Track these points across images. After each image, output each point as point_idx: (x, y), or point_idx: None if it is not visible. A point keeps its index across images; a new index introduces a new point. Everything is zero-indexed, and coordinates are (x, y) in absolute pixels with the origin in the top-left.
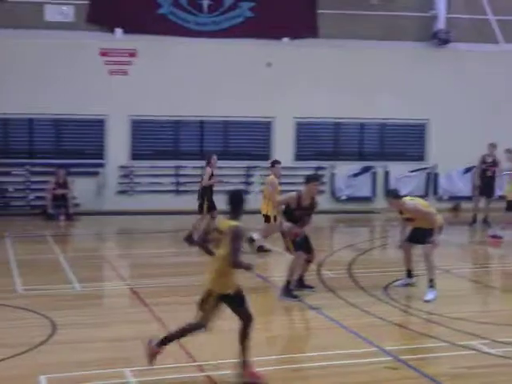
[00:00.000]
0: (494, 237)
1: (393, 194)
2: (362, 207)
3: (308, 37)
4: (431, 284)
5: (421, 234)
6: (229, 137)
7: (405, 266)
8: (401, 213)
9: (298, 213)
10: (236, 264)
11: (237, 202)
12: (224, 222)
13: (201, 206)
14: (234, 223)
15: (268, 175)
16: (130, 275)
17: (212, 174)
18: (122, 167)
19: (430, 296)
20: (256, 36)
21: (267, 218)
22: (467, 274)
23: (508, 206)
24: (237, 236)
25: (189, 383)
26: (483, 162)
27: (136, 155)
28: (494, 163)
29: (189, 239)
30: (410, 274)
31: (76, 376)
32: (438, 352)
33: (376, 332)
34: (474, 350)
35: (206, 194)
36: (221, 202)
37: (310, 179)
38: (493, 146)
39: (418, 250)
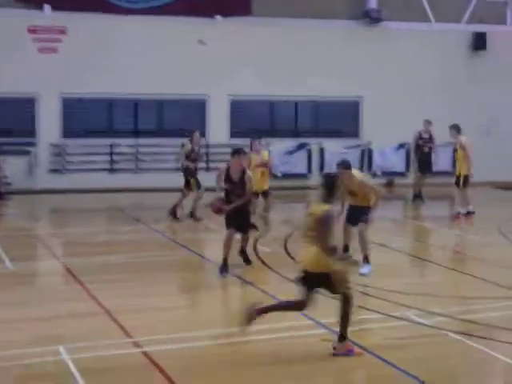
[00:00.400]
0: (467, 213)
1: (344, 165)
2: (298, 183)
3: (241, 15)
4: (366, 260)
5: (358, 213)
6: (163, 115)
7: (344, 241)
8: (346, 186)
9: (227, 186)
10: (326, 248)
11: (331, 186)
12: (316, 206)
13: (187, 183)
14: (325, 207)
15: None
16: (63, 253)
17: (193, 151)
18: (54, 145)
19: (365, 270)
20: (188, 14)
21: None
22: (402, 247)
23: (464, 182)
24: (327, 220)
25: (124, 359)
26: (420, 137)
27: (68, 133)
28: (431, 139)
29: (172, 213)
30: (347, 248)
31: (7, 355)
32: (372, 324)
33: (313, 305)
34: (407, 320)
35: (189, 171)
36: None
37: (233, 153)
38: (428, 122)
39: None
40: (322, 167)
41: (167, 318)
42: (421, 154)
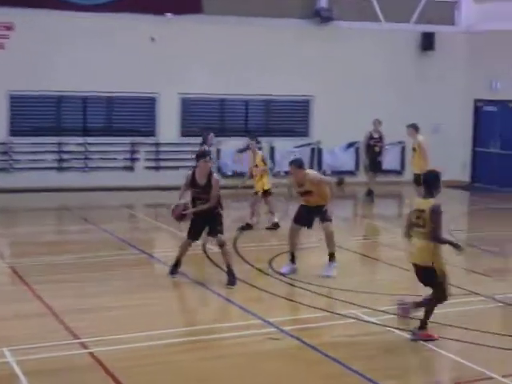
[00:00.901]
0: None
1: (297, 164)
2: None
3: (192, 13)
4: (333, 258)
5: (316, 213)
6: (112, 113)
7: (290, 248)
8: (299, 185)
9: (192, 191)
10: (437, 239)
11: (432, 181)
12: (423, 202)
13: None
14: (432, 201)
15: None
16: (9, 254)
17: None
18: (1, 144)
19: (333, 273)
20: (140, 11)
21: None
22: (352, 246)
23: (415, 180)
24: (437, 213)
25: (71, 361)
26: (370, 137)
27: (15, 131)
28: (381, 139)
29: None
30: (293, 259)
31: None
32: (321, 322)
33: (261, 305)
34: (355, 319)
35: None
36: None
37: (198, 156)
38: (378, 122)
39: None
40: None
41: (115, 319)
42: (372, 153)
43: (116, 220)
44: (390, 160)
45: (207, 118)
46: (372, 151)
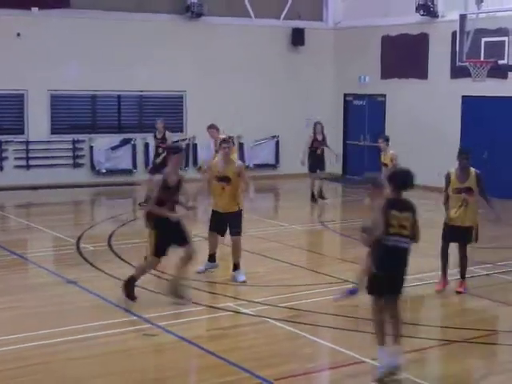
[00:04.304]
0: None
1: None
2: (123, 179)
3: (58, 7)
4: (238, 267)
5: (226, 221)
6: None
7: (210, 250)
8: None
9: (162, 194)
10: (487, 198)
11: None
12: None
13: None
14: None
15: None
16: None
17: None
18: None
19: (243, 277)
20: (4, 6)
21: None
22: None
23: None
24: (482, 177)
25: None
26: (315, 140)
27: None
28: (324, 140)
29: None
30: (213, 258)
31: None
32: (197, 316)
33: (137, 301)
34: (230, 311)
35: None
36: None
37: (172, 151)
38: (319, 123)
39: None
40: (147, 163)
41: (33, 317)
42: (313, 156)
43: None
44: (264, 154)
45: (78, 114)
46: (314, 154)
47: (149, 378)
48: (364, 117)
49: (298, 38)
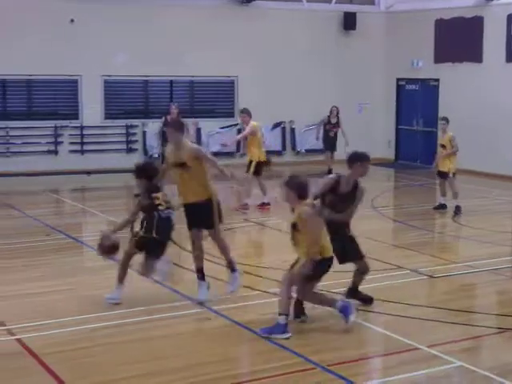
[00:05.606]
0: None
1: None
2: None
3: None
4: (233, 267)
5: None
6: (33, 96)
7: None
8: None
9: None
10: None
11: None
12: None
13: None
14: None
15: None
16: None
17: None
18: None
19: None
20: None
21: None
22: (279, 225)
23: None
24: None
25: None
26: (328, 122)
27: None
28: (338, 124)
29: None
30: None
31: None
32: (249, 300)
33: (189, 286)
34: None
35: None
36: None
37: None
38: (335, 107)
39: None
40: None
41: (41, 304)
42: (326, 136)
43: (41, 205)
44: (315, 140)
45: (131, 99)
46: (327, 135)
47: (202, 361)
48: (417, 101)
49: (349, 22)
